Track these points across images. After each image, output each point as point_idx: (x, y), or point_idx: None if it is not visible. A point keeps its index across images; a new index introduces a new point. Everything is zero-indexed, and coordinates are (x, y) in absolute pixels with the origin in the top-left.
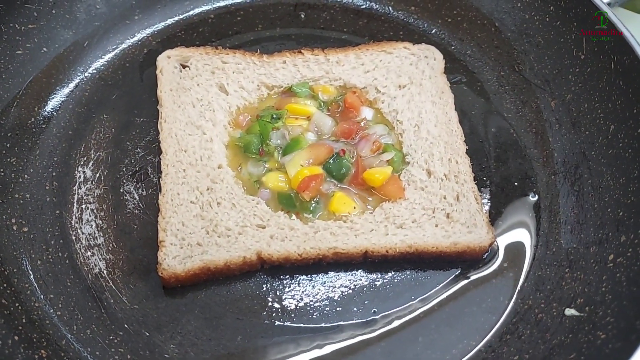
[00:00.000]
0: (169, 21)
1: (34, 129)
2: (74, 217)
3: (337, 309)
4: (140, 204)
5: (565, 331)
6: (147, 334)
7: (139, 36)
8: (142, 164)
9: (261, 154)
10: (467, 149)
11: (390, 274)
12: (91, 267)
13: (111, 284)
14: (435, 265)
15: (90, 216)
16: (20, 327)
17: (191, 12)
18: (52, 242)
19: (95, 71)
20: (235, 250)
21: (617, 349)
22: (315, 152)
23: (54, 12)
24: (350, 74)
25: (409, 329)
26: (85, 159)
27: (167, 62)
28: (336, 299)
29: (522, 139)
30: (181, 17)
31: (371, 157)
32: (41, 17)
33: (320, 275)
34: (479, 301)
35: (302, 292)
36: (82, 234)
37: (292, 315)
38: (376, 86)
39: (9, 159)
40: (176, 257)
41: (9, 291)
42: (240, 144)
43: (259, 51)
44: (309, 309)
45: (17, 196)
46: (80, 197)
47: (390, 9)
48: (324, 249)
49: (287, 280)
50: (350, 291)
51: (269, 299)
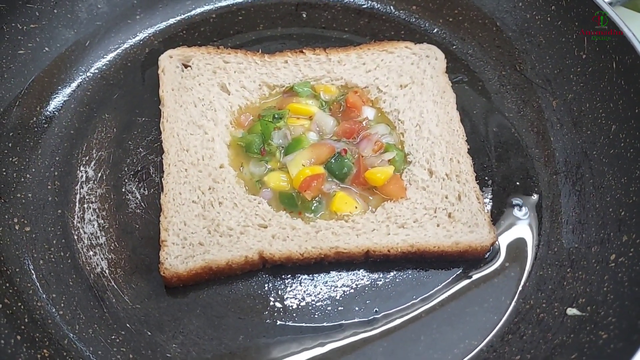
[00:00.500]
0: (171, 21)
1: (36, 129)
2: (76, 216)
3: (339, 308)
4: (142, 204)
5: (567, 331)
6: (149, 334)
7: (140, 36)
8: (144, 164)
9: (263, 154)
10: (468, 149)
11: (392, 274)
12: (93, 266)
13: (113, 284)
14: (436, 264)
15: (92, 215)
16: (22, 327)
17: (193, 12)
18: (54, 242)
19: (97, 71)
20: (237, 249)
21: (619, 349)
22: (316, 152)
23: (55, 11)
24: (351, 74)
25: (410, 328)
26: (87, 158)
27: (169, 61)
28: (338, 298)
29: (524, 138)
30: (183, 16)
31: (373, 156)
32: (43, 17)
33: (322, 274)
34: (480, 301)
35: (304, 291)
36: (84, 233)
37: (294, 314)
38: (378, 86)
39: (11, 159)
40: (178, 256)
41: (11, 291)
42: (241, 143)
43: (260, 51)
44: (310, 308)
45: (19, 196)
46: (82, 196)
47: (391, 8)
48: (326, 248)
49: (289, 279)
50: (352, 291)
51: (271, 299)
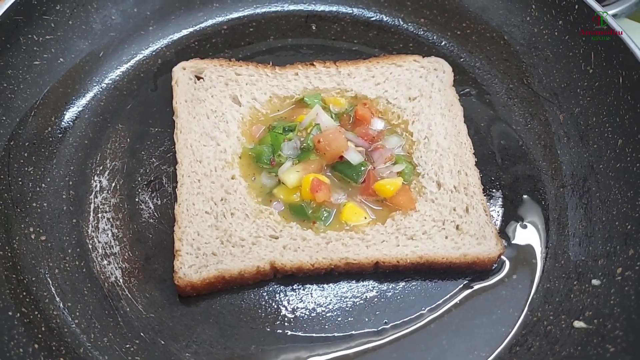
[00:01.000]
0: (183, 32)
1: (51, 139)
2: (91, 225)
3: (349, 319)
4: (155, 213)
5: (574, 343)
6: (163, 343)
7: (153, 47)
8: (157, 174)
9: (273, 165)
10: (476, 161)
11: (401, 285)
12: (107, 275)
13: (127, 293)
14: (445, 276)
15: (106, 225)
16: (40, 336)
17: (204, 24)
18: (69, 251)
19: (110, 81)
20: (249, 260)
21: None
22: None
23: (70, 23)
24: (361, 86)
25: (419, 339)
26: (101, 168)
27: (182, 73)
28: (348, 309)
29: (531, 151)
30: (195, 28)
31: (382, 167)
32: (58, 28)
33: (332, 285)
34: (488, 313)
35: (315, 302)
36: (99, 242)
37: (305, 324)
38: (387, 98)
39: (26, 168)
40: (192, 266)
41: (28, 299)
42: (252, 154)
43: (271, 63)
44: (321, 319)
45: (35, 205)
46: (96, 206)
47: (400, 21)
48: (336, 259)
49: (300, 290)
50: (361, 301)
51: (282, 309)
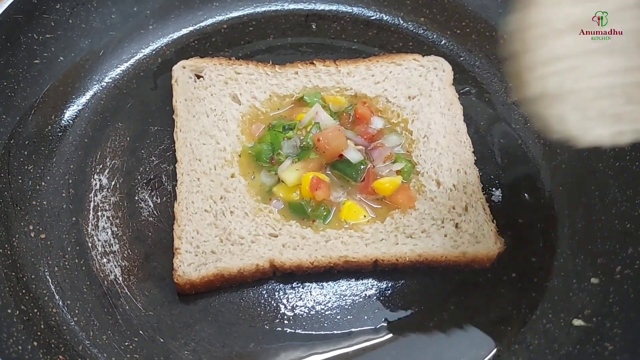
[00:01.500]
0: (183, 31)
1: (51, 137)
2: (90, 224)
3: (348, 317)
4: (154, 212)
5: (573, 342)
6: (162, 340)
7: (153, 46)
8: (157, 172)
9: (272, 163)
10: (475, 160)
11: (400, 283)
12: (107, 273)
13: (126, 291)
14: (444, 274)
15: (106, 223)
16: (39, 333)
17: (204, 23)
18: (69, 249)
19: (110, 80)
20: (248, 258)
21: None
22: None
23: (70, 21)
24: (360, 85)
25: (418, 337)
26: (101, 166)
27: (182, 72)
28: (347, 307)
29: (530, 149)
30: (194, 27)
31: (381, 166)
32: (58, 27)
33: (331, 283)
34: (487, 310)
35: (314, 300)
36: (98, 240)
37: (304, 322)
38: (386, 97)
39: (26, 167)
40: (191, 264)
41: (27, 297)
42: (252, 152)
43: (271, 62)
44: (320, 316)
45: (34, 203)
46: (96, 204)
47: (400, 20)
48: (335, 257)
49: (299, 288)
50: (360, 300)
51: (281, 307)
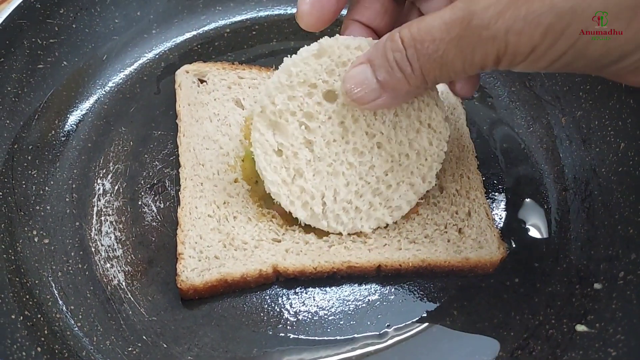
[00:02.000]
0: (186, 35)
1: (55, 142)
2: (94, 229)
3: (351, 322)
4: (158, 217)
5: (575, 347)
6: (165, 346)
7: (156, 50)
8: (160, 177)
9: None
10: (478, 165)
11: (403, 288)
12: (110, 278)
13: (130, 296)
14: (447, 279)
15: (109, 228)
16: (42, 339)
17: (207, 27)
18: (72, 254)
19: (114, 85)
20: (251, 263)
21: None
22: None
23: (74, 26)
24: None
25: (421, 342)
26: (104, 171)
27: (185, 76)
28: (350, 312)
29: (533, 154)
30: (198, 31)
31: None
32: (62, 32)
33: (334, 288)
34: (490, 316)
35: (317, 305)
36: (102, 245)
37: (307, 328)
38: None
39: (30, 172)
40: (194, 269)
41: (31, 302)
42: (254, 157)
43: (274, 66)
44: (323, 322)
45: (38, 208)
46: (99, 209)
47: None
48: (338, 262)
49: (302, 293)
50: (364, 305)
51: (284, 312)
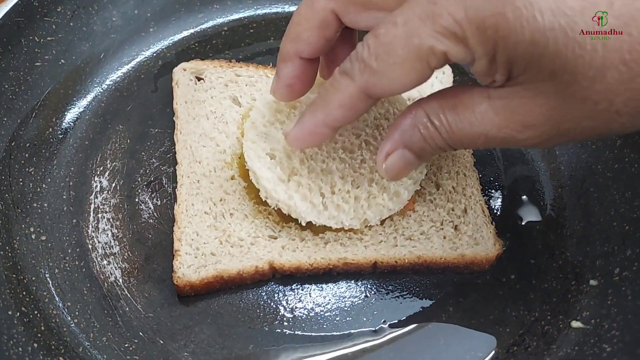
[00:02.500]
0: (184, 33)
1: (52, 140)
2: (91, 226)
3: (347, 318)
4: (155, 214)
5: (571, 343)
6: (162, 342)
7: (154, 48)
8: (157, 174)
9: None
10: (474, 162)
11: (399, 284)
12: (107, 275)
13: (126, 292)
14: (443, 276)
15: (106, 225)
16: (39, 335)
17: (205, 25)
18: (69, 251)
19: (111, 82)
20: (247, 260)
21: None
22: None
23: (71, 24)
24: None
25: (417, 338)
26: (101, 169)
27: (182, 74)
28: (346, 308)
29: (530, 152)
30: (195, 29)
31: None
32: (59, 30)
33: (330, 284)
34: (486, 312)
35: (313, 301)
36: (98, 242)
37: (303, 324)
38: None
39: (27, 169)
40: (191, 266)
41: (28, 299)
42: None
43: (271, 64)
44: (319, 318)
45: (35, 205)
46: (96, 206)
47: None
48: (334, 259)
49: (298, 289)
50: (360, 301)
51: (281, 308)
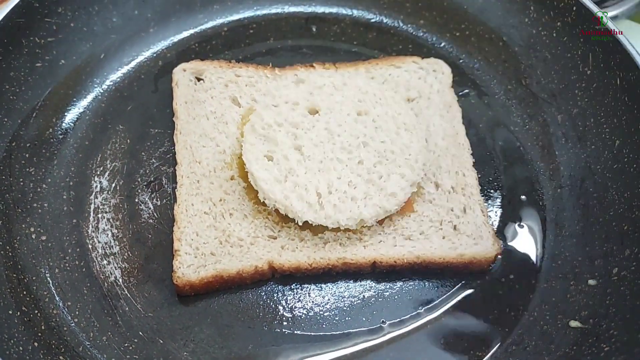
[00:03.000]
0: (184, 34)
1: (52, 140)
2: (91, 226)
3: (346, 318)
4: (154, 214)
5: (569, 343)
6: (161, 342)
7: (154, 48)
8: (157, 175)
9: None
10: (474, 162)
11: (398, 284)
12: (107, 275)
13: (126, 292)
14: (442, 276)
15: (106, 225)
16: (39, 334)
17: (205, 25)
18: (70, 251)
19: (111, 83)
20: (247, 259)
21: None
22: None
23: (72, 25)
24: None
25: (416, 338)
26: (101, 169)
27: (182, 74)
28: (345, 308)
29: (529, 152)
30: (195, 30)
31: None
32: (60, 31)
33: (329, 284)
34: (485, 312)
35: (312, 301)
36: (99, 242)
37: (303, 324)
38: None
39: (28, 169)
40: (190, 265)
41: (28, 299)
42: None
43: (271, 64)
44: (318, 318)
45: (35, 205)
46: (96, 206)
47: (399, 22)
48: (334, 259)
49: (298, 289)
50: (359, 301)
51: (280, 308)
